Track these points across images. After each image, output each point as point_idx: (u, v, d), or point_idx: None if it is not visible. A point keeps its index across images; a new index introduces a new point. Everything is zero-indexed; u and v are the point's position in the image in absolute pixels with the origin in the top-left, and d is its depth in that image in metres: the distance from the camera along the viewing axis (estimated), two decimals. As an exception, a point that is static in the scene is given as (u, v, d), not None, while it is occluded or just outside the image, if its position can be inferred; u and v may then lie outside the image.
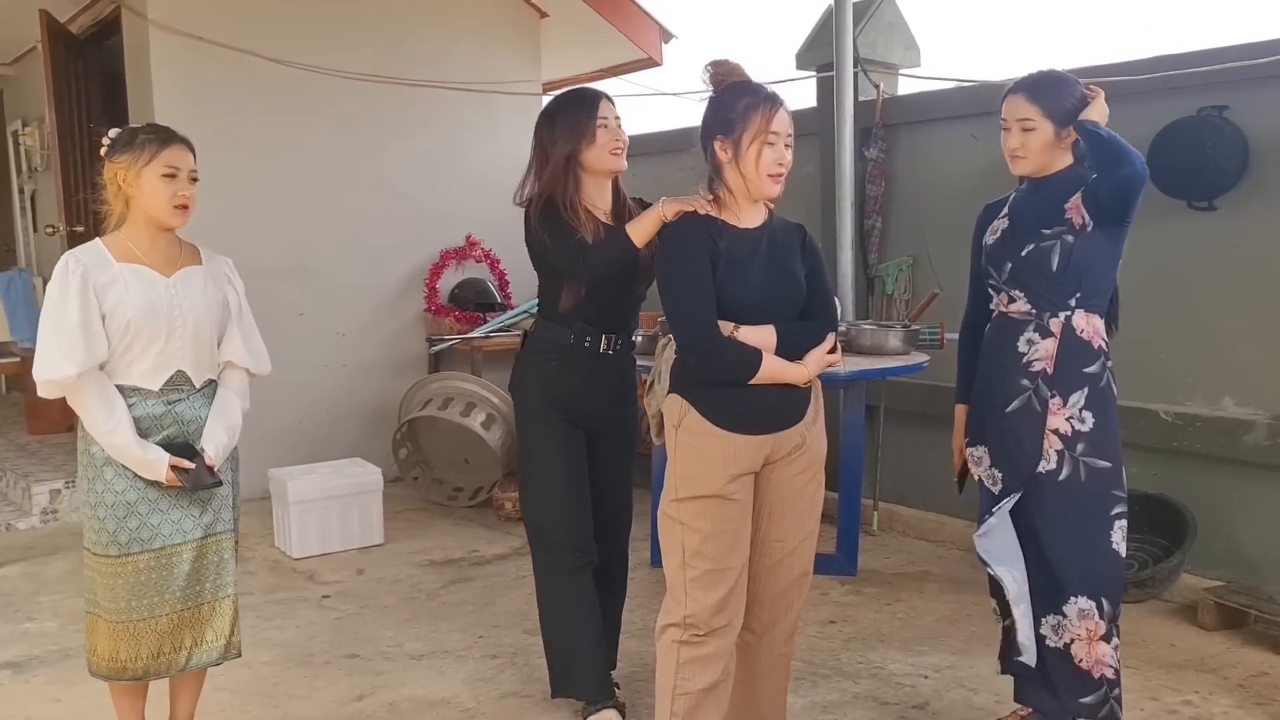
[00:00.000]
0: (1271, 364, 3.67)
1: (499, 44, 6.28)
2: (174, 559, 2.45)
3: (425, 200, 6.00)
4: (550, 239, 2.72)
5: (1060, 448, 2.52)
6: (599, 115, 2.77)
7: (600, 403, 2.92)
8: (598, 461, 2.97)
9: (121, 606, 2.42)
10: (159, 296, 2.41)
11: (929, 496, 4.82)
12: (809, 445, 2.42)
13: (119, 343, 2.38)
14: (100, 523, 2.40)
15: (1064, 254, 2.48)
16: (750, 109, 2.29)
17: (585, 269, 2.67)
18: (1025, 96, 2.52)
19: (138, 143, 2.38)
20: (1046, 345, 2.52)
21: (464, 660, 3.44)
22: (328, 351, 5.73)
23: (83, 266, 2.35)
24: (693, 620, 2.34)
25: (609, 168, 2.81)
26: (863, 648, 3.49)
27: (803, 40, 5.15)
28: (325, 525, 4.57)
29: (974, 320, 2.78)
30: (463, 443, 5.31)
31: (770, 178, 2.31)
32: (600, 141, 2.77)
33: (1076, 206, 2.51)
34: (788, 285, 2.37)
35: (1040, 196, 2.58)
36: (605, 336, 2.86)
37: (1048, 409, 2.52)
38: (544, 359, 2.89)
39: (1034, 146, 2.52)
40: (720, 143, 2.32)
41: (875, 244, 4.94)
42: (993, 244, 2.63)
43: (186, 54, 5.20)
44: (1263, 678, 3.22)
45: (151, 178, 2.37)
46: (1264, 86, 3.62)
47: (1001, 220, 2.65)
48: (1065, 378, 2.51)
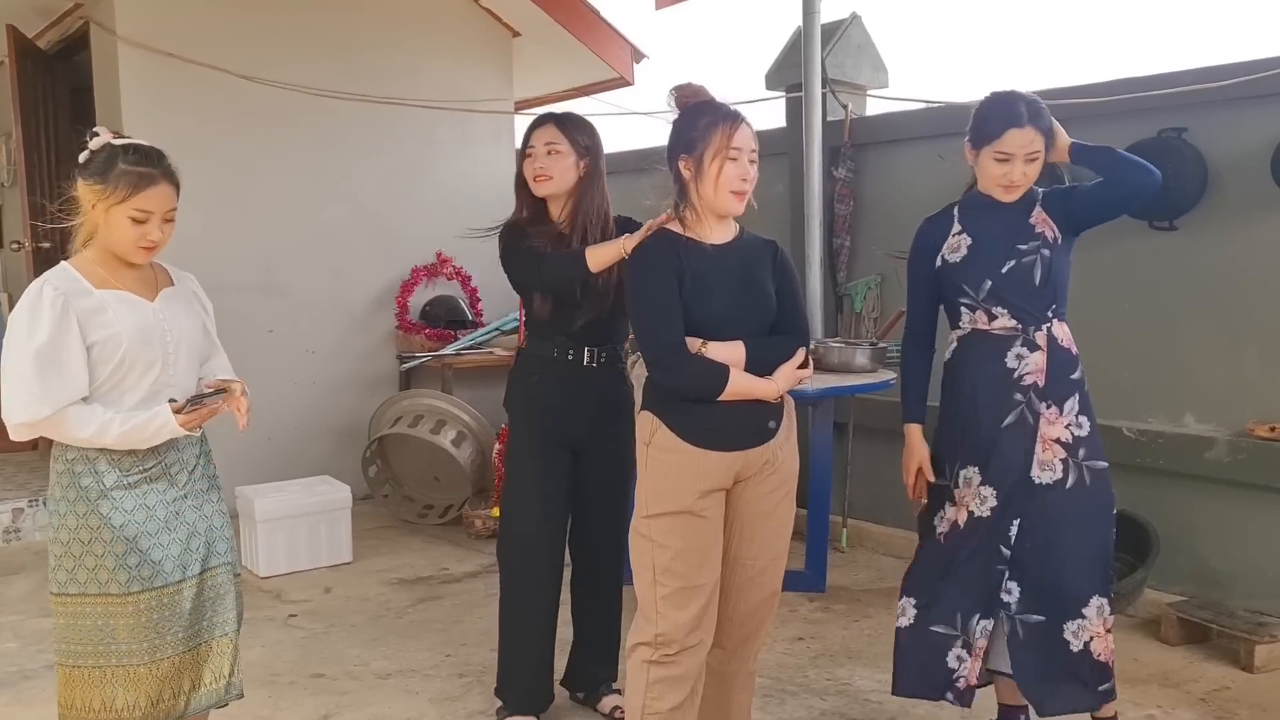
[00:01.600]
0: (1231, 381, 3.73)
1: (471, 62, 6.30)
2: (176, 597, 2.27)
3: (396, 217, 5.99)
4: (509, 253, 2.89)
5: (1064, 456, 2.55)
6: (528, 145, 2.94)
7: (584, 417, 2.95)
8: (588, 479, 3.00)
9: (121, 650, 2.20)
10: (149, 321, 2.23)
11: (898, 513, 4.85)
12: (781, 463, 2.42)
13: (113, 373, 2.18)
14: (97, 560, 2.18)
15: (1044, 267, 2.54)
16: (710, 126, 2.31)
17: (539, 278, 2.84)
18: (1034, 127, 2.53)
19: (114, 175, 2.15)
20: (1035, 359, 2.55)
21: (431, 679, 3.41)
22: (297, 369, 5.70)
23: (62, 295, 2.13)
24: (664, 639, 2.33)
25: (536, 194, 2.93)
26: (830, 664, 3.49)
27: (772, 61, 5.21)
28: (293, 543, 4.54)
29: (920, 337, 2.79)
30: (433, 460, 5.29)
31: (733, 194, 2.32)
32: (525, 172, 2.93)
33: (1044, 220, 2.56)
34: (757, 301, 2.38)
35: (1000, 212, 2.61)
36: (587, 350, 2.90)
37: (1040, 419, 2.55)
38: (527, 373, 2.97)
39: (1034, 172, 2.56)
40: (684, 161, 2.34)
41: (844, 263, 4.99)
42: (960, 262, 2.63)
43: (155, 70, 5.17)
44: (1224, 692, 3.25)
45: (119, 217, 2.17)
46: (1221, 109, 3.70)
47: (959, 237, 2.65)
48: (1057, 387, 2.56)
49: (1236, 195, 3.68)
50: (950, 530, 2.66)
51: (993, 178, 2.59)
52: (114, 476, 2.21)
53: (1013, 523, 2.57)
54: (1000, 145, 2.55)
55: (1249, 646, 3.39)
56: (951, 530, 2.65)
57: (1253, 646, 3.38)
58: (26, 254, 5.76)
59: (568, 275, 2.79)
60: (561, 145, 2.89)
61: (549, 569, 2.98)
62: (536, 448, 2.95)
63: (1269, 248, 3.64)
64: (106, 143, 2.21)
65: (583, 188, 2.92)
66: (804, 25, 4.67)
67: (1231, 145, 3.70)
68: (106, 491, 2.19)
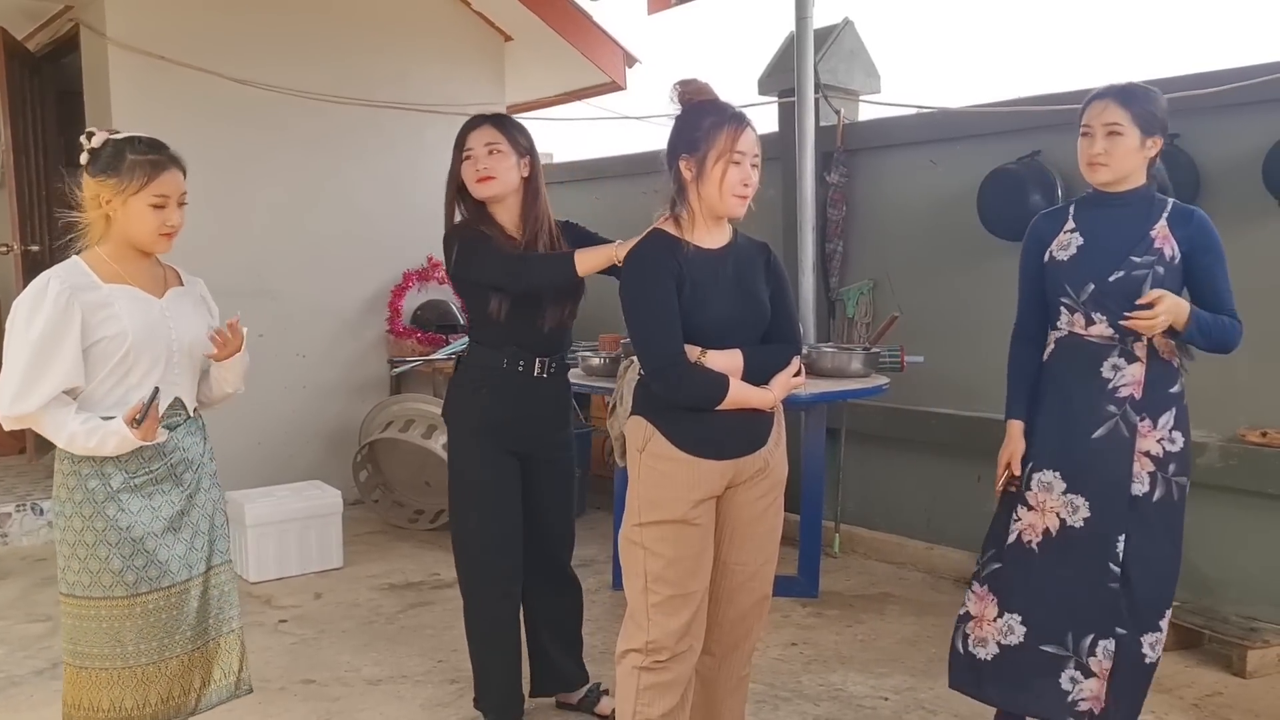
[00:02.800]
0: (1223, 387, 3.73)
1: (463, 66, 6.28)
2: (184, 597, 2.28)
3: (387, 221, 5.97)
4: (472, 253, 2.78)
5: (1152, 469, 2.52)
6: (465, 148, 2.86)
7: (535, 427, 2.93)
8: (538, 487, 2.98)
9: (129, 651, 2.22)
10: (155, 318, 2.24)
11: (890, 518, 4.85)
12: (771, 469, 2.42)
13: (115, 369, 2.18)
14: (102, 563, 2.18)
15: (1155, 284, 2.46)
16: (715, 128, 2.27)
17: (524, 280, 2.73)
18: (1116, 101, 2.47)
19: (127, 166, 2.17)
20: (1133, 370, 2.51)
21: (422, 685, 3.39)
22: (288, 373, 5.67)
23: (68, 287, 2.13)
24: (655, 645, 2.32)
25: (478, 196, 2.86)
26: (823, 670, 3.49)
27: (765, 66, 5.21)
28: (283, 548, 4.51)
29: (1027, 334, 2.70)
30: (424, 465, 5.27)
31: (735, 198, 2.30)
32: (465, 175, 2.85)
33: (1166, 237, 2.49)
34: (752, 307, 2.36)
35: (1117, 215, 2.54)
36: (539, 360, 2.87)
37: (1136, 433, 2.51)
38: (475, 385, 2.89)
39: (1119, 153, 2.47)
40: (685, 161, 2.29)
41: (836, 268, 4.99)
42: (1068, 261, 2.56)
43: (146, 73, 5.15)
44: (1217, 697, 3.25)
45: (139, 206, 2.18)
46: (1214, 115, 3.71)
47: (1071, 235, 2.58)
48: (1153, 401, 2.51)
49: (1228, 201, 3.69)
50: (1044, 540, 2.58)
51: (1080, 158, 2.54)
52: (120, 479, 2.22)
53: (1118, 539, 2.52)
54: (1083, 119, 2.52)
55: (1241, 652, 3.40)
56: (1045, 540, 2.58)
57: (1245, 652, 3.39)
58: (15, 257, 5.72)
59: (552, 279, 2.73)
60: (502, 145, 2.83)
61: (507, 576, 2.95)
62: (486, 459, 2.88)
63: (1260, 254, 3.65)
64: (107, 138, 2.21)
65: (529, 190, 2.88)
66: (796, 30, 4.68)
67: (1224, 151, 3.72)
68: (114, 494, 2.20)
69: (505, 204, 2.87)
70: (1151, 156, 2.53)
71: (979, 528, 4.45)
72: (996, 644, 2.63)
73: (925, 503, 4.74)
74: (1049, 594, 2.57)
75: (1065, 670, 2.57)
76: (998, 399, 4.36)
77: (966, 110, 4.57)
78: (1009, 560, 2.64)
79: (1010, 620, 2.61)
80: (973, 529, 4.49)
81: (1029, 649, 2.59)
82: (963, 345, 4.52)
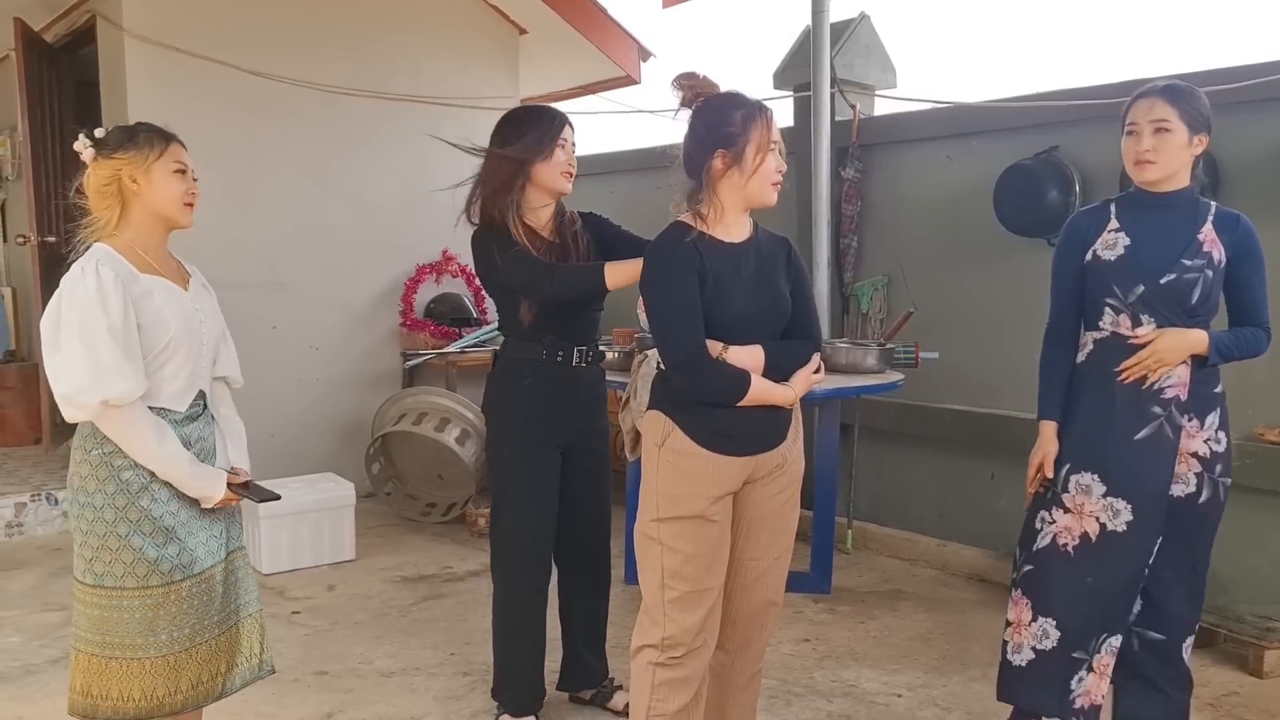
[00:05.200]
0: (1240, 385, 3.69)
1: (477, 59, 6.28)
2: (211, 582, 2.31)
3: (401, 214, 5.97)
4: (512, 264, 2.74)
5: (1199, 470, 2.50)
6: (560, 135, 2.82)
7: (576, 417, 2.93)
8: (577, 475, 2.98)
9: (163, 640, 2.23)
10: (189, 310, 2.26)
11: (903, 514, 4.84)
12: (789, 465, 2.40)
13: (154, 360, 2.19)
14: (137, 553, 2.19)
15: (1205, 287, 2.45)
16: (749, 119, 2.26)
17: (550, 291, 2.72)
18: (1164, 98, 2.45)
19: (141, 139, 2.23)
20: (1180, 372, 2.47)
21: (435, 677, 3.40)
22: (300, 365, 5.69)
23: (119, 276, 2.14)
24: (671, 641, 2.32)
25: (558, 188, 2.85)
26: (836, 666, 3.48)
27: (780, 60, 5.19)
28: (296, 541, 4.52)
29: (1063, 334, 2.65)
30: (436, 458, 5.27)
31: (773, 186, 2.30)
32: (556, 159, 2.80)
33: (1213, 240, 2.47)
34: (774, 302, 2.35)
35: (1164, 216, 2.51)
36: (576, 350, 2.88)
37: (1181, 434, 2.48)
38: (517, 378, 2.89)
39: (1167, 150, 2.44)
40: (722, 156, 2.26)
41: (851, 263, 4.97)
42: (1115, 261, 2.51)
43: (162, 64, 5.16)
44: (1233, 697, 3.24)
45: (163, 173, 2.23)
46: (1233, 112, 3.65)
47: (1116, 234, 2.54)
48: (1200, 402, 2.49)
49: (1247, 198, 3.65)
50: (1081, 544, 2.55)
51: (1126, 156, 2.50)
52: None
53: (1155, 541, 2.50)
54: (1129, 117, 2.50)
55: (1258, 652, 3.38)
56: (1083, 544, 2.54)
57: (1261, 652, 3.37)
58: (32, 248, 5.74)
59: (583, 291, 2.73)
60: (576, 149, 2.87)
61: (541, 571, 2.97)
62: (528, 452, 2.89)
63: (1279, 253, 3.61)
64: (113, 126, 2.28)
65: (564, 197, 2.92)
66: (813, 25, 4.66)
67: (1243, 148, 3.68)
68: (148, 484, 2.21)
69: (547, 200, 2.87)
70: (1197, 155, 2.50)
71: (992, 525, 4.48)
72: (1031, 649, 2.61)
73: (938, 499, 4.73)
74: (1085, 599, 2.54)
75: (1078, 672, 2.57)
76: (1012, 396, 4.40)
77: (983, 105, 4.54)
78: (1041, 564, 2.61)
79: (1045, 624, 2.59)
80: (985, 526, 4.49)
81: (1059, 655, 2.57)
82: (977, 342, 4.50)
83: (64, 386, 2.12)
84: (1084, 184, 4.12)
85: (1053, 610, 2.58)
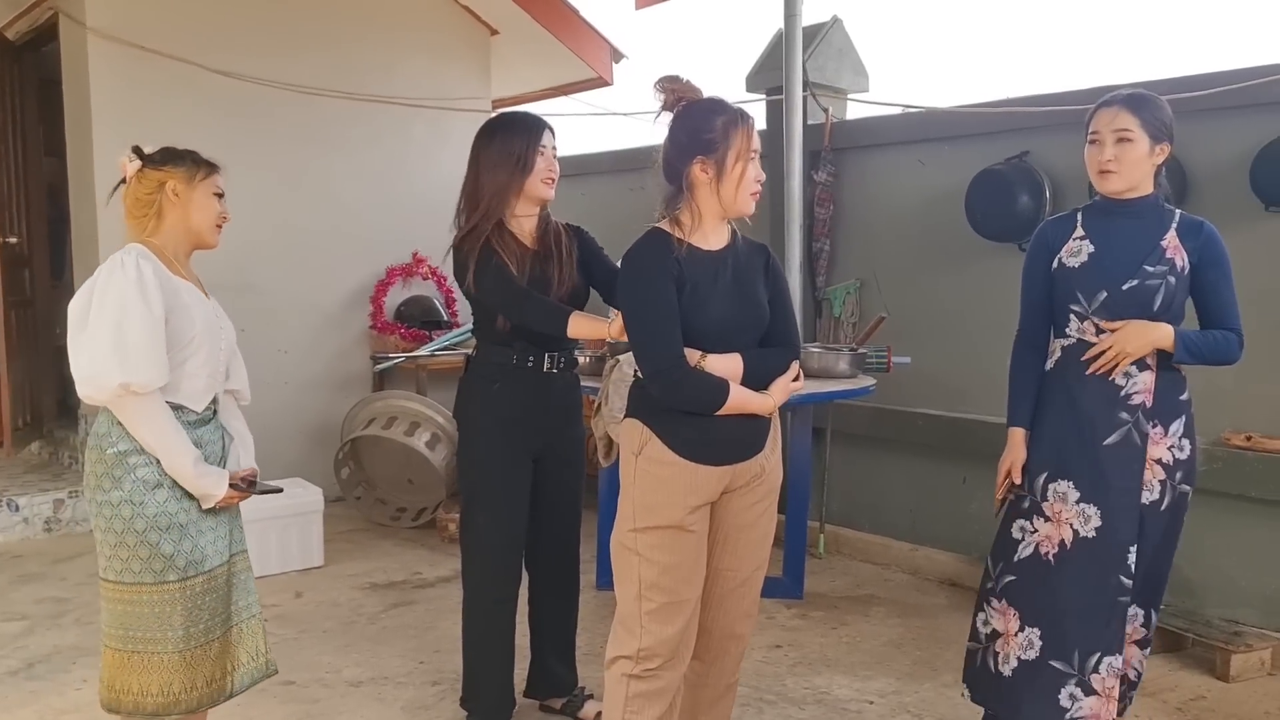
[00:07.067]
0: (1207, 391, 3.72)
1: (449, 60, 6.24)
2: (219, 580, 2.38)
3: (372, 216, 5.92)
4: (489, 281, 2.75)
5: (1163, 477, 2.51)
6: (540, 143, 2.81)
7: (547, 422, 2.91)
8: (549, 482, 2.96)
9: (179, 635, 2.28)
10: (211, 316, 2.39)
11: (875, 519, 4.84)
12: (767, 475, 2.38)
13: (179, 354, 2.27)
14: (153, 548, 2.24)
15: (1167, 294, 2.47)
16: (730, 126, 2.23)
17: (518, 318, 2.75)
18: (1126, 108, 2.47)
19: (189, 159, 2.41)
20: (1144, 378, 2.50)
21: (404, 687, 3.36)
22: (269, 369, 5.60)
23: (156, 269, 2.24)
24: (647, 653, 2.29)
25: (540, 195, 2.84)
26: (808, 672, 3.47)
27: (753, 63, 5.19)
28: (263, 547, 4.44)
29: (1032, 340, 2.67)
30: (406, 463, 5.22)
31: (751, 195, 2.28)
32: (537, 168, 2.80)
33: (1176, 247, 2.49)
34: (752, 310, 2.32)
35: (1128, 224, 2.53)
36: (548, 355, 2.85)
37: (1148, 440, 2.50)
38: (488, 382, 2.87)
39: (1128, 160, 2.46)
40: (701, 163, 2.24)
41: (823, 267, 4.97)
42: (1079, 268, 2.54)
43: (126, 63, 5.08)
44: (1200, 701, 3.25)
45: (205, 193, 2.39)
46: (1201, 119, 3.70)
47: (1081, 242, 2.56)
48: (1165, 408, 2.51)
49: (1215, 205, 3.68)
50: (1059, 551, 2.56)
51: (1090, 165, 2.53)
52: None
53: (1130, 550, 2.51)
54: (1092, 126, 2.52)
55: (1225, 656, 3.40)
56: (1060, 551, 2.56)
57: (1229, 656, 3.39)
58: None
59: (545, 329, 2.72)
60: (557, 150, 2.85)
61: (511, 578, 2.95)
62: (500, 459, 2.87)
63: (1247, 258, 3.62)
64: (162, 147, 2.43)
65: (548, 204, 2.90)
66: (785, 28, 4.65)
67: (1209, 155, 3.71)
68: (162, 481, 2.26)
69: (536, 208, 2.87)
70: (1159, 164, 2.53)
71: (964, 529, 4.49)
72: (1017, 659, 2.62)
73: (910, 504, 4.74)
74: (1064, 608, 2.55)
75: (1065, 687, 2.54)
76: (984, 400, 4.41)
77: (955, 110, 4.55)
78: (1024, 574, 2.62)
79: (1030, 634, 2.60)
80: (957, 531, 4.50)
81: (1040, 664, 2.58)
82: (949, 346, 4.51)
83: (86, 367, 2.18)
84: (1054, 189, 4.14)
85: (1037, 620, 2.60)
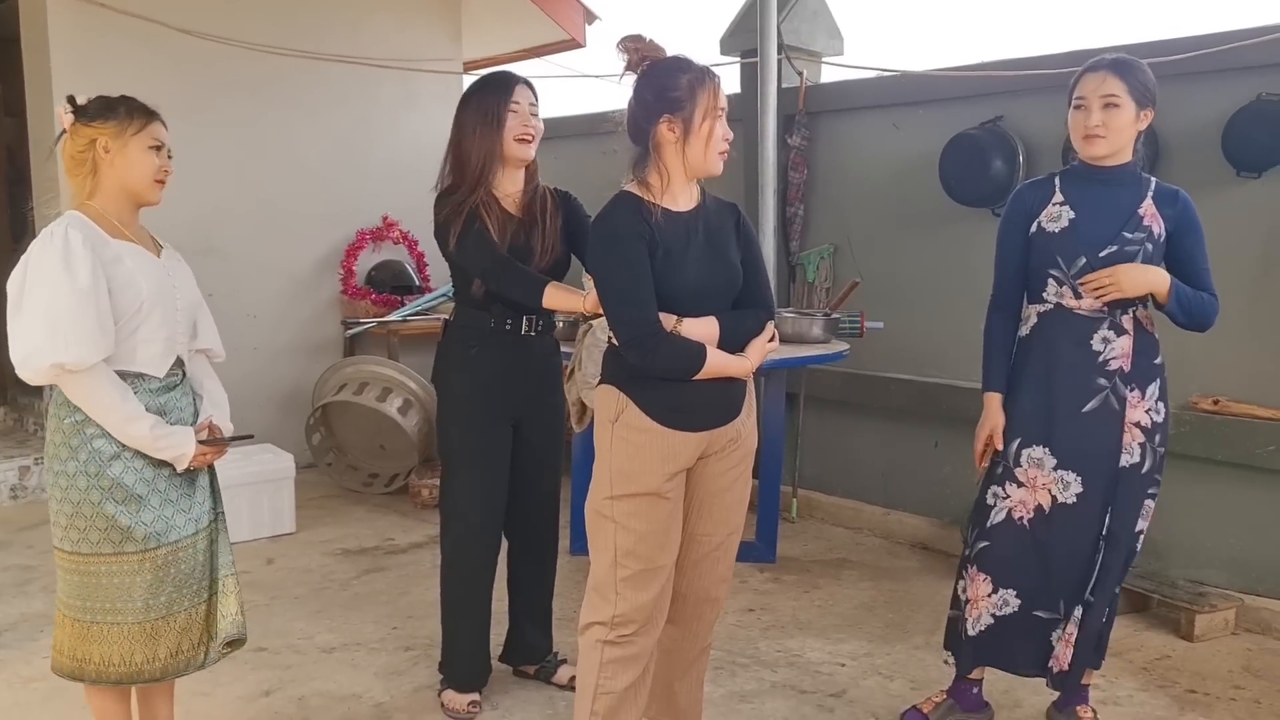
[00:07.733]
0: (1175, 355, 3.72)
1: (418, 20, 6.13)
2: (190, 551, 2.31)
3: (340, 179, 5.83)
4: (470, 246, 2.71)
5: (1142, 440, 2.55)
6: (511, 100, 2.75)
7: (525, 387, 2.88)
8: (527, 448, 2.94)
9: (138, 606, 2.23)
10: (162, 276, 2.28)
11: (847, 483, 4.87)
12: (743, 440, 2.37)
13: (125, 325, 2.19)
14: (109, 520, 2.19)
15: (1144, 260, 2.49)
16: (696, 84, 2.20)
17: (495, 286, 2.71)
18: (1114, 73, 2.46)
19: (122, 111, 2.25)
20: (1122, 343, 2.53)
21: (377, 653, 3.35)
22: (238, 334, 5.50)
23: (88, 239, 2.14)
24: (621, 619, 2.28)
25: (515, 155, 2.78)
26: (781, 635, 3.49)
27: (727, 25, 5.13)
28: (234, 514, 4.33)
29: (1006, 305, 2.69)
30: (378, 428, 5.19)
31: (720, 154, 2.25)
32: (508, 125, 2.74)
33: (1154, 214, 2.52)
34: (725, 271, 2.30)
35: (1107, 191, 2.54)
36: (525, 318, 2.82)
37: (1126, 405, 2.53)
38: (465, 346, 2.85)
39: (1115, 125, 2.47)
40: (668, 122, 2.20)
41: (797, 231, 4.96)
42: (1058, 234, 2.54)
43: (87, 20, 4.96)
44: (1165, 660, 3.31)
45: (139, 148, 2.25)
46: (1175, 84, 3.67)
47: (1061, 208, 2.56)
48: (1141, 372, 2.54)
49: (1188, 170, 3.69)
50: (1035, 516, 2.60)
51: (1074, 131, 2.53)
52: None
53: (1107, 511, 2.56)
54: (1077, 91, 2.51)
55: (1189, 616, 3.46)
56: (1037, 516, 2.60)
57: (1193, 616, 3.45)
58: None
59: (520, 299, 2.70)
60: (538, 109, 2.80)
61: (490, 545, 2.94)
62: (478, 424, 2.85)
63: (1219, 224, 3.64)
64: (95, 96, 2.28)
65: (535, 164, 2.85)
66: (760, -11, 4.60)
67: (1182, 121, 3.71)
68: (120, 452, 2.20)
69: (519, 171, 2.82)
70: (1140, 130, 2.53)
71: (935, 493, 4.53)
72: (991, 615, 2.67)
73: (882, 468, 4.76)
74: (1043, 569, 2.62)
75: (1055, 630, 2.65)
76: (956, 365, 4.42)
77: (929, 74, 4.53)
78: (998, 539, 2.66)
79: (1005, 595, 2.66)
80: (929, 494, 4.54)
81: (1023, 615, 2.65)
82: (922, 311, 4.51)
83: (20, 349, 2.12)
84: (1028, 154, 4.14)
85: (1012, 583, 2.64)
